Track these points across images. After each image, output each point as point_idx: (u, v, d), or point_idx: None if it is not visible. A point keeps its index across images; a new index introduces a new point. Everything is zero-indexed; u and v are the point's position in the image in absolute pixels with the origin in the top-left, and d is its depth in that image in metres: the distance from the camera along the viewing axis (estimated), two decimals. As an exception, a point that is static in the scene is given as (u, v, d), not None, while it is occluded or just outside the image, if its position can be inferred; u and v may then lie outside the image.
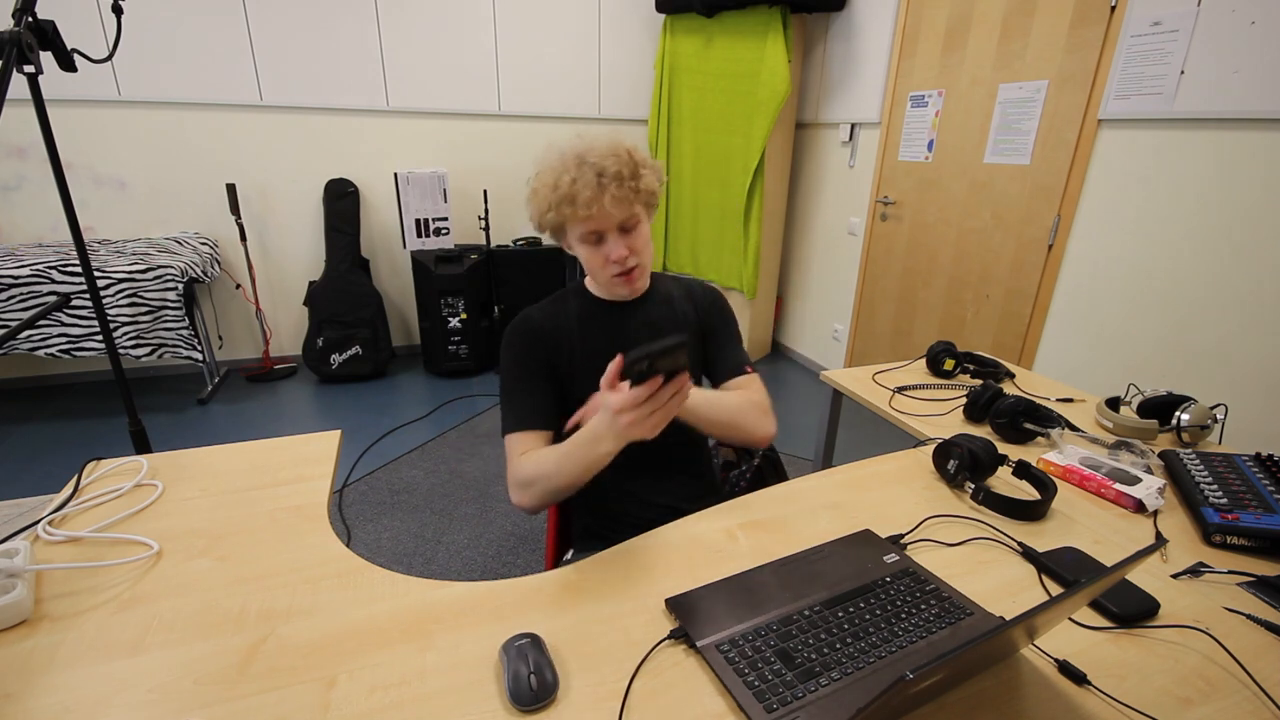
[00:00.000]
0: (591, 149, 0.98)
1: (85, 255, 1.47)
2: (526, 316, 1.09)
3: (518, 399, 1.05)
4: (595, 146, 0.98)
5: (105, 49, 1.75)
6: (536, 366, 1.06)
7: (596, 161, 0.96)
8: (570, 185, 0.96)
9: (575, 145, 0.99)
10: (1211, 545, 0.92)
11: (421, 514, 2.24)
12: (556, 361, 1.07)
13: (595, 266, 1.04)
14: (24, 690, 0.63)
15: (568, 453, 0.91)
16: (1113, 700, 0.65)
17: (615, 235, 1.00)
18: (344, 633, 0.72)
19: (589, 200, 0.95)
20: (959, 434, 1.09)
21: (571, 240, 1.04)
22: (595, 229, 1.00)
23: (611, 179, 0.96)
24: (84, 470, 1.02)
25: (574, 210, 0.97)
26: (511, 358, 1.07)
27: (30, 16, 1.08)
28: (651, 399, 0.78)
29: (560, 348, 1.07)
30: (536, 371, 1.06)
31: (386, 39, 3.31)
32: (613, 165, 0.96)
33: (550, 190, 0.98)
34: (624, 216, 0.99)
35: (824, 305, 3.67)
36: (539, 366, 1.06)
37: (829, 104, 3.40)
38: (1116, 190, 2.10)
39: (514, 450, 1.01)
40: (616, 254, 1.00)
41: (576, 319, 1.09)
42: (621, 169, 0.97)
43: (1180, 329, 1.97)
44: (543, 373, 1.06)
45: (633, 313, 1.12)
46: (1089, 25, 2.12)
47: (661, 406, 0.78)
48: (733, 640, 0.70)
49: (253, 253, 3.36)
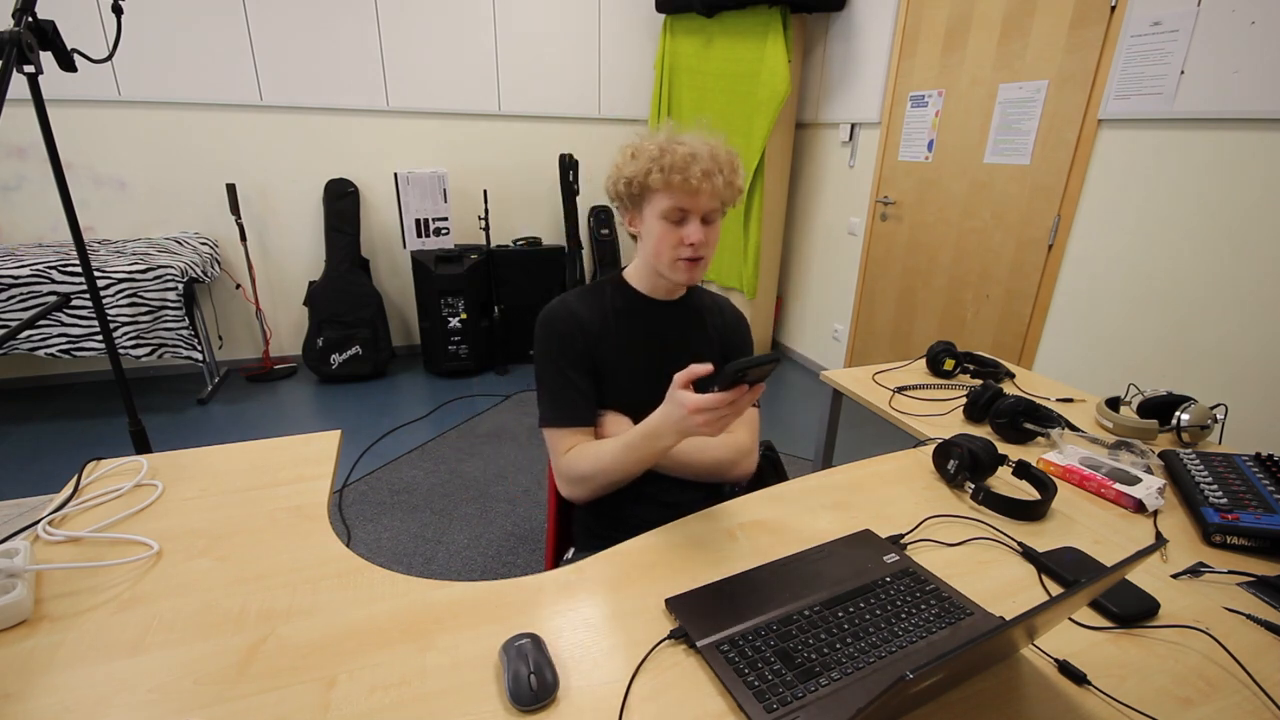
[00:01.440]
0: (704, 140, 1.01)
1: (85, 255, 1.47)
2: (564, 303, 1.09)
3: (557, 391, 1.06)
4: (707, 139, 1.01)
5: (105, 49, 1.75)
6: (575, 357, 1.06)
7: (711, 149, 0.99)
8: (686, 158, 0.97)
9: (683, 133, 1.02)
10: (1211, 545, 0.92)
11: (421, 514, 2.24)
12: (592, 353, 1.07)
13: (667, 245, 1.02)
14: (24, 690, 0.63)
15: (628, 446, 0.95)
16: (1113, 700, 0.65)
17: (698, 222, 1.01)
18: (344, 633, 0.72)
19: (700, 176, 0.97)
20: (959, 434, 1.09)
21: (648, 213, 1.03)
22: (686, 206, 1.00)
23: (723, 167, 1.00)
24: (84, 470, 1.02)
25: (681, 179, 0.97)
26: (548, 348, 1.07)
27: (30, 16, 1.08)
28: (733, 405, 0.82)
29: (597, 339, 1.07)
30: (575, 363, 1.06)
31: (386, 39, 3.31)
32: (725, 156, 1.01)
33: (658, 154, 0.98)
34: (713, 206, 1.01)
35: (824, 305, 3.67)
36: (577, 357, 1.06)
37: (829, 104, 3.40)
38: (1116, 190, 2.10)
39: (559, 445, 1.05)
40: (695, 237, 1.00)
41: (614, 312, 1.10)
42: (727, 164, 1.01)
43: (1180, 329, 1.97)
44: (582, 364, 1.06)
45: (669, 313, 1.13)
46: (1089, 25, 2.12)
47: (732, 410, 0.83)
48: (733, 640, 0.70)
49: (253, 253, 3.36)
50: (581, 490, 1.03)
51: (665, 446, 0.93)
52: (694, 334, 1.15)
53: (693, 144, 0.99)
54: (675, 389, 0.87)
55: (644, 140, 1.02)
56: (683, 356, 1.09)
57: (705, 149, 0.99)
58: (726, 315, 1.20)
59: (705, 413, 0.82)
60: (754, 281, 3.57)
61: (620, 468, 0.98)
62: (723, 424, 0.84)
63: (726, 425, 0.85)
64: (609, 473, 0.99)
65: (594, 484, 1.01)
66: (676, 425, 0.87)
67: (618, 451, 0.97)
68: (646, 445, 0.94)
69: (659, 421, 0.91)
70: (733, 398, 0.81)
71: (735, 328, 1.20)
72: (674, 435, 0.90)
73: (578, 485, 1.03)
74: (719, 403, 0.81)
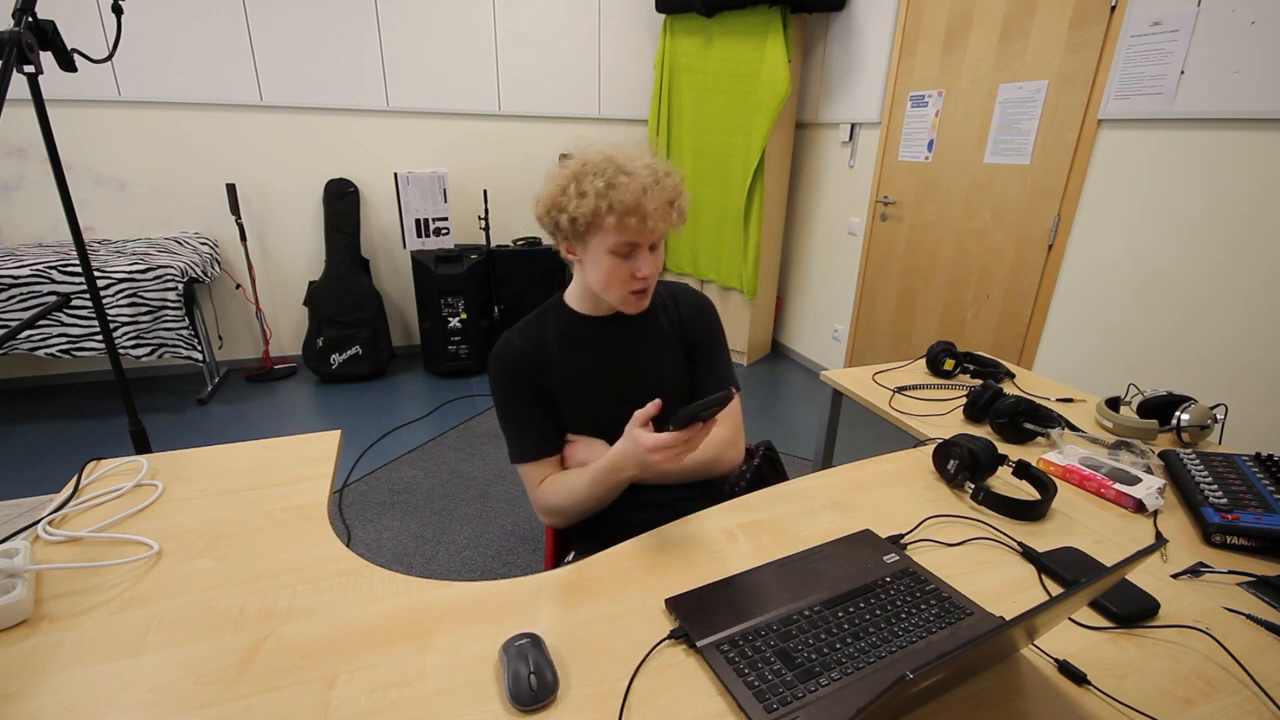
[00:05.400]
0: (651, 165, 0.95)
1: (85, 255, 1.46)
2: (506, 342, 1.07)
3: (518, 428, 1.08)
4: (652, 163, 0.95)
5: (105, 49, 1.75)
6: (525, 393, 1.06)
7: (656, 176, 0.94)
8: (638, 194, 0.91)
9: (628, 152, 0.96)
10: (1211, 545, 0.92)
11: (421, 514, 2.24)
12: (541, 384, 1.06)
13: (617, 280, 0.98)
14: (24, 690, 0.63)
15: (594, 481, 0.98)
16: (1113, 700, 0.65)
17: (648, 252, 0.98)
18: (344, 633, 0.72)
19: (652, 214, 0.92)
20: (959, 434, 1.09)
21: (594, 245, 0.96)
22: (635, 241, 0.95)
23: (670, 193, 0.95)
24: (84, 470, 1.02)
25: (638, 221, 0.92)
26: (500, 387, 1.07)
27: (30, 16, 1.08)
28: (688, 442, 0.85)
29: (543, 369, 1.06)
30: (526, 398, 1.06)
31: (386, 39, 3.31)
32: (669, 181, 0.95)
33: (605, 189, 0.91)
34: (661, 234, 0.98)
35: (824, 305, 3.67)
36: (527, 393, 1.06)
37: (829, 104, 3.40)
38: (1116, 190, 2.10)
39: (531, 479, 1.07)
40: (646, 270, 0.97)
41: (556, 339, 1.08)
42: (673, 189, 0.96)
43: (1180, 329, 1.97)
44: (532, 398, 1.06)
45: (614, 327, 1.09)
46: (1089, 25, 2.12)
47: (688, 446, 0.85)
48: (733, 640, 0.70)
49: (253, 253, 3.36)
50: (558, 520, 1.07)
51: (628, 478, 0.97)
52: (646, 340, 1.11)
53: (639, 174, 0.93)
54: (632, 427, 0.89)
55: (583, 167, 0.95)
56: (637, 368, 1.10)
57: (651, 178, 0.93)
58: (683, 305, 1.14)
59: (662, 451, 0.85)
60: (754, 281, 3.57)
61: (591, 497, 1.00)
62: (681, 458, 0.87)
63: (684, 457, 0.87)
64: (581, 503, 1.02)
65: (568, 514, 1.05)
66: (635, 460, 0.91)
67: (585, 484, 0.99)
68: (609, 478, 0.97)
69: (618, 455, 0.93)
70: (688, 436, 0.84)
71: (695, 319, 1.14)
72: (635, 468, 0.94)
73: (554, 516, 1.06)
74: (674, 441, 0.84)
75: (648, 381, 1.08)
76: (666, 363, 1.12)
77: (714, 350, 1.15)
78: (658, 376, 1.10)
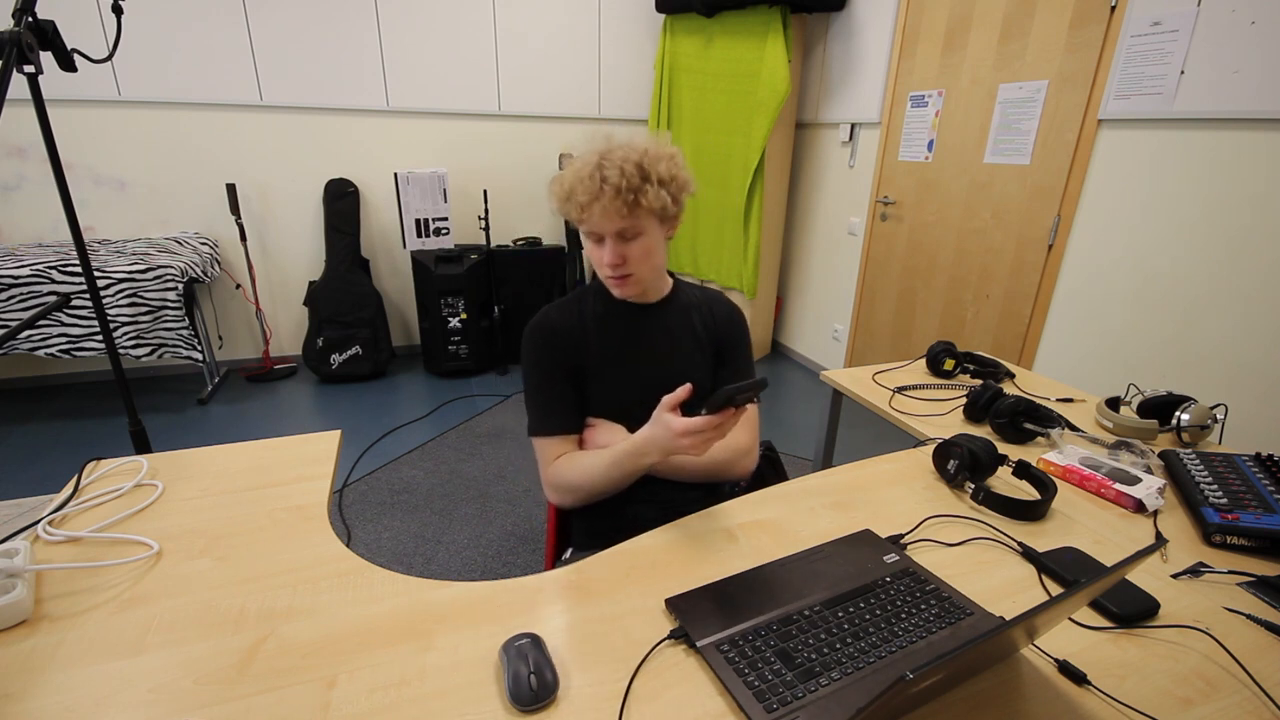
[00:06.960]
0: (610, 154, 0.97)
1: (85, 255, 1.46)
2: (545, 315, 1.10)
3: (542, 401, 1.08)
4: (612, 153, 0.97)
5: (105, 49, 1.75)
6: (556, 367, 1.08)
7: (607, 168, 0.96)
8: (574, 186, 0.97)
9: (599, 146, 1.00)
10: (1211, 545, 0.92)
11: (421, 514, 2.24)
12: (574, 361, 1.08)
13: (597, 263, 1.05)
14: (24, 690, 0.63)
15: (614, 463, 0.98)
16: (1113, 700, 0.65)
17: (612, 241, 1.00)
18: (344, 633, 0.72)
19: (584, 205, 0.97)
20: (959, 434, 1.09)
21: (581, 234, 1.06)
22: (593, 231, 1.01)
23: (610, 189, 0.95)
24: (84, 470, 1.02)
25: (576, 212, 0.99)
26: (532, 359, 1.09)
27: (30, 16, 1.08)
28: (718, 428, 0.84)
29: (578, 347, 1.08)
30: (556, 373, 1.08)
31: (386, 39, 3.31)
32: (614, 176, 0.94)
33: (562, 186, 1.00)
34: (620, 226, 0.99)
35: (824, 305, 3.67)
36: (558, 367, 1.08)
37: (829, 104, 3.40)
38: (1116, 190, 2.10)
39: (546, 454, 1.07)
40: (609, 259, 1.01)
41: (594, 319, 1.10)
42: (622, 182, 0.94)
43: (1180, 329, 1.97)
44: (562, 373, 1.08)
45: (650, 317, 1.12)
46: (1089, 25, 2.12)
47: (718, 433, 0.85)
48: (733, 640, 0.70)
49: (253, 253, 3.36)
50: (568, 499, 1.06)
51: (650, 464, 0.97)
52: (680, 335, 1.13)
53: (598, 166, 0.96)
54: (662, 411, 0.89)
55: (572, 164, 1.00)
56: (669, 359, 1.11)
57: (603, 171, 0.95)
58: (717, 312, 1.18)
59: (692, 435, 0.85)
60: (754, 281, 3.57)
61: (606, 480, 1.00)
62: (708, 445, 0.86)
63: (711, 445, 0.87)
64: (595, 485, 1.02)
65: (580, 494, 1.04)
66: (662, 445, 0.90)
67: (604, 465, 0.99)
68: (631, 462, 0.97)
69: (644, 440, 0.93)
70: (720, 421, 0.84)
71: (728, 325, 1.17)
72: (659, 454, 0.93)
73: (565, 494, 1.06)
74: (706, 425, 0.84)
75: (676, 373, 1.08)
76: (695, 360, 1.14)
77: (742, 356, 1.18)
78: (685, 371, 1.11)
